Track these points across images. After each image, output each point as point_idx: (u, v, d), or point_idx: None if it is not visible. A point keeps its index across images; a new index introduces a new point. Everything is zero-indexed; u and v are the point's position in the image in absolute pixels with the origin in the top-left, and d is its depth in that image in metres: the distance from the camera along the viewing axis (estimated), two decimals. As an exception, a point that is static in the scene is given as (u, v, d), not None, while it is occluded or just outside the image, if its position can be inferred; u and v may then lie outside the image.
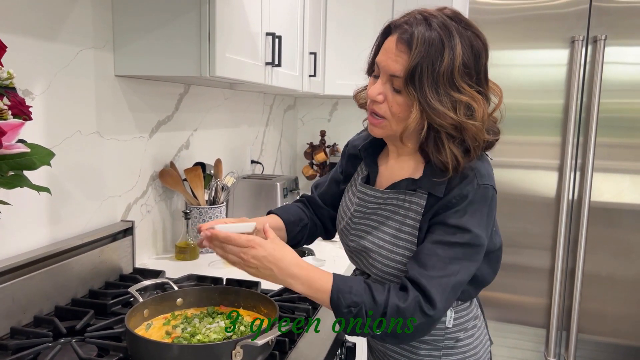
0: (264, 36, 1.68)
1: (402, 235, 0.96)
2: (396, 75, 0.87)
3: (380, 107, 0.92)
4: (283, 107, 2.90)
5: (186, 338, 0.94)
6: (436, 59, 0.84)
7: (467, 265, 0.89)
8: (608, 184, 2.22)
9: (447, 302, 0.87)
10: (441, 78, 0.84)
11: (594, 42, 2.15)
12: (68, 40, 1.27)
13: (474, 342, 1.06)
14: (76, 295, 1.29)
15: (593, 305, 2.29)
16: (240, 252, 0.91)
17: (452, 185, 0.90)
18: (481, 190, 0.89)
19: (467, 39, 0.87)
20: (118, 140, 1.48)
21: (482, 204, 0.90)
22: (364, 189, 1.04)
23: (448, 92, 0.85)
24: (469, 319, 1.05)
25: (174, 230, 1.80)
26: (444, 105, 0.85)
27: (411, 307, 0.84)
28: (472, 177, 0.90)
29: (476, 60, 0.88)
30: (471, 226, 0.88)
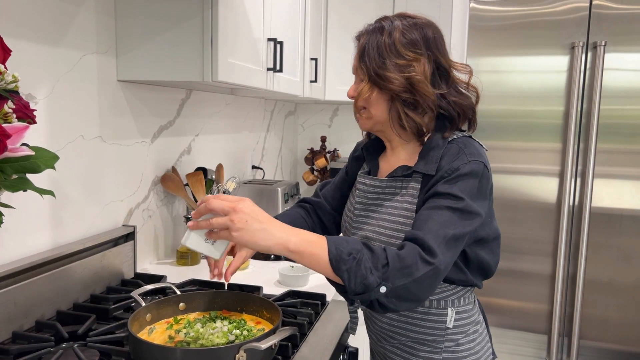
0: (266, 42, 1.69)
1: (401, 220, 0.98)
2: (355, 66, 1.01)
3: (357, 102, 1.00)
4: (284, 113, 2.90)
5: (189, 342, 0.94)
6: (377, 38, 0.97)
7: (462, 225, 0.89)
8: (609, 190, 2.23)
9: (447, 252, 0.86)
10: (384, 50, 0.96)
11: (593, 48, 2.16)
12: (71, 45, 1.27)
13: (476, 348, 1.04)
14: (78, 300, 1.29)
15: (594, 311, 2.28)
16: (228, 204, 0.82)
17: (442, 163, 0.95)
18: (470, 164, 0.93)
19: (408, 22, 0.99)
20: (120, 145, 1.49)
21: (471, 176, 0.92)
22: (363, 179, 1.07)
23: (393, 60, 0.95)
24: (470, 322, 1.04)
25: (176, 236, 1.80)
26: (390, 72, 0.95)
27: (411, 255, 0.83)
28: (462, 154, 0.95)
29: (420, 31, 0.98)
30: (463, 194, 0.90)
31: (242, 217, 0.81)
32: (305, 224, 1.19)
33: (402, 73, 0.94)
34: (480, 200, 0.94)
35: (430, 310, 1.01)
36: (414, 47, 0.96)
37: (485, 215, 0.95)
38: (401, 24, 0.98)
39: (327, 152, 3.00)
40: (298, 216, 1.20)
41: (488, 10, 2.30)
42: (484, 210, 0.94)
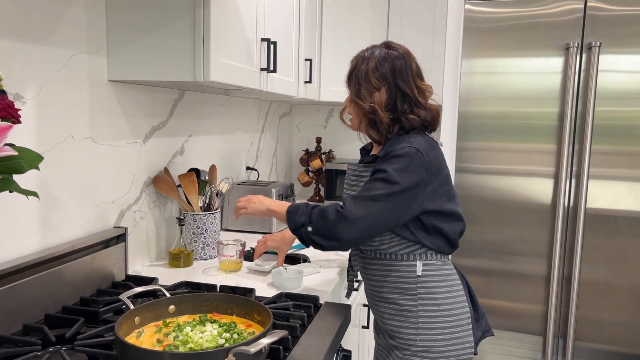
0: (259, 42, 1.68)
1: None
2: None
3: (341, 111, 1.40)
4: (279, 114, 2.89)
5: (178, 346, 0.92)
6: (359, 66, 1.27)
7: (377, 189, 1.16)
8: (603, 191, 2.22)
9: (358, 206, 1.16)
10: (360, 78, 1.26)
11: (588, 49, 2.16)
12: (61, 44, 1.26)
13: (450, 299, 1.26)
14: (67, 302, 1.27)
15: (590, 312, 2.28)
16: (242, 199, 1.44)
17: (388, 149, 1.23)
18: (404, 149, 1.19)
19: (384, 53, 1.26)
20: (111, 145, 1.47)
21: (403, 157, 1.18)
22: (350, 165, 1.39)
23: (365, 87, 1.25)
24: (441, 273, 1.27)
25: (168, 237, 1.78)
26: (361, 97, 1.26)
27: (331, 207, 1.19)
28: (401, 142, 1.22)
29: (390, 62, 1.24)
30: (388, 169, 1.17)
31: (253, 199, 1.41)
32: None
33: (368, 101, 1.24)
34: (407, 174, 1.17)
35: (402, 263, 1.27)
36: (381, 77, 1.24)
37: (432, 192, 1.20)
38: (379, 54, 1.26)
39: (323, 153, 2.99)
40: None
41: (483, 12, 2.30)
42: (409, 183, 1.17)
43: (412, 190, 1.17)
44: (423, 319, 1.25)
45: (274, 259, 1.68)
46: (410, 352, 1.27)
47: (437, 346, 1.25)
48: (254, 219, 2.14)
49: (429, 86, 1.29)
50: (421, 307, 1.25)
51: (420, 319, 1.25)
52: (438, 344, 1.25)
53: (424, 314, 1.25)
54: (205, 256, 1.74)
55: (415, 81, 1.26)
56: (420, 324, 1.25)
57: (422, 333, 1.25)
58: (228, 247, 1.60)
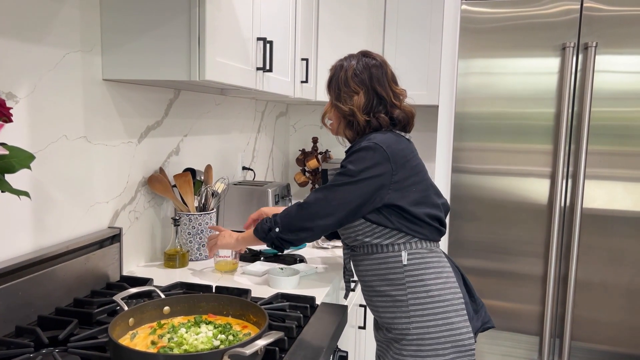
0: (255, 41, 1.67)
1: None
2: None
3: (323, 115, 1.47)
4: (275, 114, 2.88)
5: (172, 348, 0.91)
6: (337, 73, 1.37)
7: (335, 180, 1.28)
8: (600, 191, 2.22)
9: (316, 195, 1.29)
10: (340, 83, 1.36)
11: (584, 49, 2.16)
12: (54, 43, 1.24)
13: (439, 285, 1.29)
14: (60, 304, 1.26)
15: (586, 312, 2.28)
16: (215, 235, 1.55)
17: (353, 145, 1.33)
18: (363, 144, 1.27)
19: (362, 62, 1.35)
20: (106, 145, 1.46)
21: (360, 151, 1.27)
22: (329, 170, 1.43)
23: (345, 92, 1.35)
24: (427, 261, 1.30)
25: (164, 238, 1.77)
26: (341, 101, 1.35)
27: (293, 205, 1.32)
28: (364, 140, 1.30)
29: (368, 70, 1.34)
30: (347, 164, 1.27)
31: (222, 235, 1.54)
32: None
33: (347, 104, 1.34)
34: (364, 165, 1.25)
35: (388, 253, 1.31)
36: (360, 83, 1.34)
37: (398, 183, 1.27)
38: (357, 63, 1.35)
39: (319, 153, 2.98)
40: None
41: (479, 12, 2.30)
42: (368, 174, 1.25)
43: (373, 179, 1.25)
44: (414, 307, 1.28)
45: (268, 265, 1.67)
46: (406, 342, 1.29)
47: (431, 332, 1.27)
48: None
49: (403, 90, 1.40)
50: (411, 296, 1.28)
51: (411, 308, 1.28)
52: (431, 330, 1.27)
53: (414, 302, 1.28)
54: (201, 257, 1.73)
55: (390, 86, 1.36)
56: (412, 312, 1.28)
57: (415, 321, 1.28)
58: None
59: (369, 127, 1.34)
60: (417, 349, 1.27)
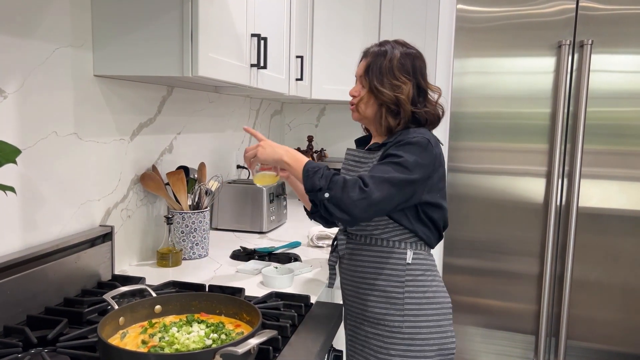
0: (249, 37, 1.65)
1: None
2: (361, 74, 1.35)
3: (353, 99, 1.37)
4: (270, 112, 2.86)
5: (163, 347, 0.89)
6: (380, 60, 1.31)
7: (395, 172, 1.19)
8: (595, 190, 2.22)
9: (378, 187, 1.16)
10: (385, 70, 1.30)
11: (580, 47, 2.15)
12: (44, 37, 1.22)
13: (434, 287, 1.31)
14: (50, 303, 1.23)
15: (582, 311, 2.28)
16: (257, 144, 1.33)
17: (398, 137, 1.28)
18: (416, 138, 1.23)
19: (404, 51, 1.33)
20: (97, 142, 1.43)
21: (415, 145, 1.22)
22: (349, 150, 1.42)
23: (389, 79, 1.29)
24: (426, 264, 1.32)
25: (156, 236, 1.74)
26: (385, 87, 1.29)
27: (352, 181, 1.17)
28: (412, 132, 1.27)
29: (411, 61, 1.31)
30: (403, 154, 1.21)
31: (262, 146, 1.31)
32: None
33: (393, 91, 1.28)
34: (419, 163, 1.21)
35: (394, 249, 1.29)
36: (406, 73, 1.30)
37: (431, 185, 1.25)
38: (399, 52, 1.31)
39: (315, 151, 2.96)
40: None
41: (475, 11, 2.29)
42: (421, 174, 1.21)
43: (421, 181, 1.22)
44: (409, 306, 1.28)
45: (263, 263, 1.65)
46: (396, 340, 1.28)
47: (422, 333, 1.28)
48: (244, 217, 2.11)
49: (438, 87, 1.38)
50: (407, 295, 1.28)
51: (407, 307, 1.28)
52: (423, 330, 1.28)
53: (409, 300, 1.28)
54: (195, 255, 1.71)
55: (427, 81, 1.35)
56: (407, 310, 1.28)
57: (409, 320, 1.27)
58: None
59: (413, 119, 1.31)
60: (406, 348, 1.27)
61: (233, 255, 1.75)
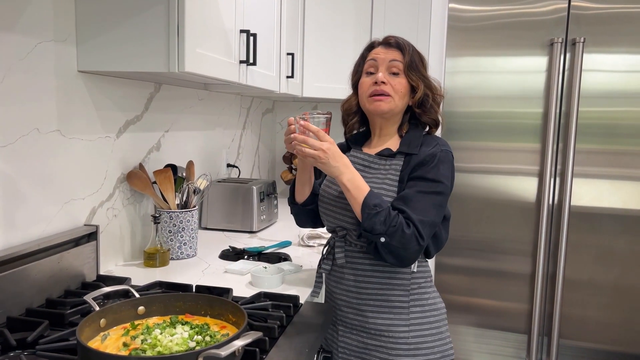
0: (238, 33, 1.62)
1: (385, 187, 1.22)
2: (397, 59, 1.26)
3: (385, 87, 1.25)
4: (261, 111, 2.83)
5: (145, 350, 0.86)
6: (420, 56, 1.29)
7: (439, 210, 1.19)
8: (587, 189, 2.22)
9: (428, 237, 1.17)
10: (422, 65, 1.29)
11: (572, 45, 2.15)
12: (25, 31, 1.19)
13: (432, 293, 1.30)
14: (32, 304, 1.20)
15: (574, 310, 2.27)
16: (321, 145, 1.15)
17: (422, 148, 1.23)
18: (444, 153, 1.22)
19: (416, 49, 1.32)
20: (82, 139, 1.40)
21: (447, 162, 1.22)
22: (354, 152, 1.33)
23: (424, 74, 1.29)
24: (426, 270, 1.31)
25: (144, 236, 1.71)
26: (427, 79, 1.28)
27: (410, 235, 1.13)
28: (436, 144, 1.24)
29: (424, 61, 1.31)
30: (442, 178, 1.19)
31: (326, 156, 1.15)
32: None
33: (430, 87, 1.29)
34: (452, 182, 1.23)
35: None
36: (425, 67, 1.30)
37: None
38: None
39: (306, 150, 2.93)
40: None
41: (467, 10, 2.27)
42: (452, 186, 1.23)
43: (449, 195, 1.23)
44: (415, 314, 1.25)
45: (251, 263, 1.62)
46: (402, 352, 1.24)
47: (427, 342, 1.25)
48: (234, 216, 2.09)
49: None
50: (412, 303, 1.25)
51: (412, 315, 1.25)
52: (428, 339, 1.25)
53: (415, 309, 1.25)
54: (183, 255, 1.68)
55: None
56: (412, 319, 1.25)
57: (414, 330, 1.24)
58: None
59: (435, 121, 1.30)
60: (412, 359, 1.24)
61: (222, 255, 1.72)
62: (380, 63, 1.26)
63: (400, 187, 1.22)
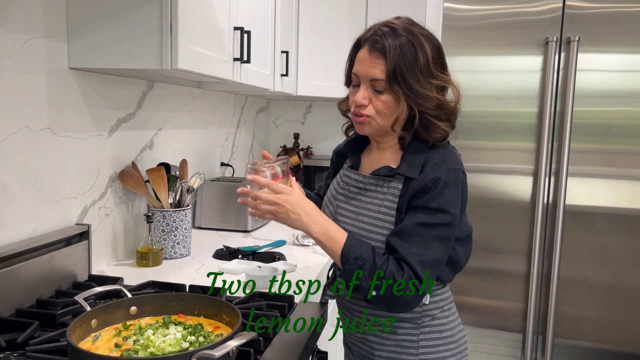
0: (232, 30, 1.61)
1: (380, 217, 1.05)
2: (377, 78, 1.01)
3: (366, 109, 1.05)
4: (255, 109, 2.82)
5: (138, 350, 0.85)
6: (412, 58, 0.99)
7: (445, 244, 1.02)
8: (582, 188, 2.22)
9: (432, 272, 1.00)
10: (421, 71, 1.00)
11: (567, 44, 2.15)
12: (14, 27, 1.17)
13: (450, 324, 1.14)
14: (22, 305, 1.18)
15: (569, 309, 2.27)
16: (275, 198, 1.00)
17: (425, 170, 1.02)
18: (452, 173, 1.02)
19: (427, 37, 1.03)
20: (73, 137, 1.38)
21: (455, 185, 1.02)
22: (348, 172, 1.15)
23: (428, 80, 1.01)
24: (444, 298, 1.14)
25: (136, 235, 1.69)
26: (427, 91, 1.00)
27: (404, 282, 0.97)
28: (443, 162, 1.03)
29: (439, 53, 1.05)
30: (448, 207, 1.00)
31: (284, 210, 1.00)
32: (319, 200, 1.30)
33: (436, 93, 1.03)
34: (461, 205, 1.04)
35: None
36: (441, 66, 1.05)
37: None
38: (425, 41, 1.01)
39: (301, 149, 2.93)
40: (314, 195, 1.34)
41: (461, 10, 2.27)
42: (461, 212, 1.05)
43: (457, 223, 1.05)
44: (425, 349, 1.10)
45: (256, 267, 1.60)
46: None
47: None
48: (228, 215, 2.07)
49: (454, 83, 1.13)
50: (423, 337, 1.10)
51: (421, 350, 1.10)
52: None
53: (425, 343, 1.10)
54: (176, 255, 1.66)
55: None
56: (422, 355, 1.10)
57: None
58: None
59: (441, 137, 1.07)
60: None
61: (216, 254, 1.71)
62: (362, 79, 1.04)
63: (398, 217, 1.03)
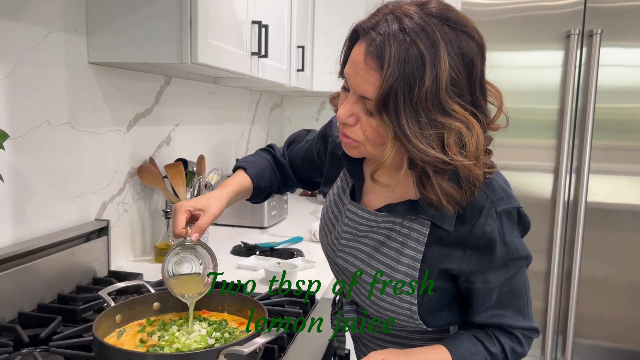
0: (250, 24, 1.59)
1: (402, 264, 0.81)
2: (367, 97, 0.70)
3: (352, 130, 0.75)
4: (269, 105, 2.80)
5: (163, 346, 0.84)
6: (414, 79, 0.65)
7: (527, 280, 0.86)
8: (604, 185, 2.17)
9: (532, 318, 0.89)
10: (423, 103, 0.66)
11: (589, 37, 2.10)
12: (35, 21, 1.16)
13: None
14: (43, 300, 1.18)
15: (589, 308, 2.23)
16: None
17: (466, 219, 0.77)
18: (504, 217, 0.78)
19: (456, 46, 0.68)
20: (92, 132, 1.37)
21: (511, 229, 0.79)
22: (354, 209, 0.86)
23: (433, 118, 0.67)
24: None
25: (154, 231, 1.68)
26: (427, 138, 0.67)
27: (526, 347, 0.87)
28: (489, 206, 0.77)
29: (469, 73, 0.69)
30: (518, 253, 0.80)
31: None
32: (274, 182, 1.13)
33: (443, 142, 0.68)
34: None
35: (434, 331, 0.88)
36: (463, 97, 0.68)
37: None
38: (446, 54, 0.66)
39: (315, 146, 2.90)
40: (269, 174, 1.12)
41: (480, 4, 2.23)
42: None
43: None
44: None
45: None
46: None
47: None
48: (244, 212, 2.06)
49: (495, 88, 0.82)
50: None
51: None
52: None
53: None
54: (194, 251, 1.64)
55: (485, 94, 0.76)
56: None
57: None
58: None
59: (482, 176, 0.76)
60: None
61: (234, 250, 1.70)
62: (351, 88, 0.74)
63: (422, 268, 0.81)
